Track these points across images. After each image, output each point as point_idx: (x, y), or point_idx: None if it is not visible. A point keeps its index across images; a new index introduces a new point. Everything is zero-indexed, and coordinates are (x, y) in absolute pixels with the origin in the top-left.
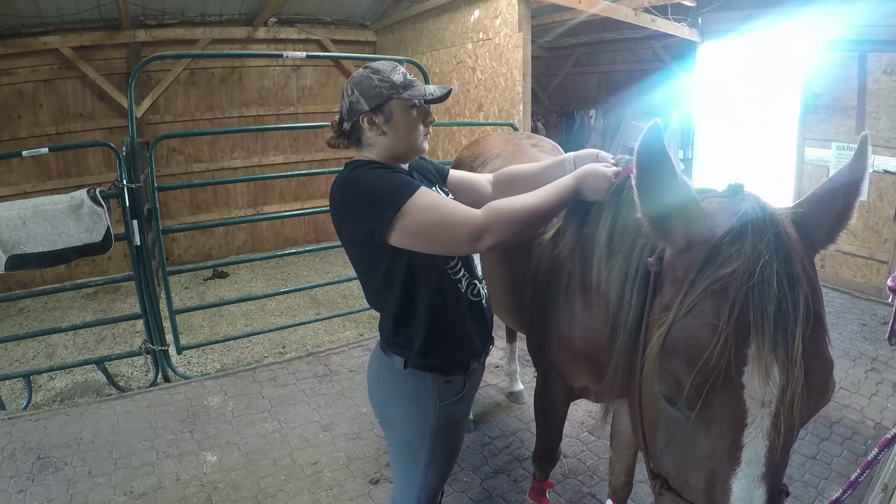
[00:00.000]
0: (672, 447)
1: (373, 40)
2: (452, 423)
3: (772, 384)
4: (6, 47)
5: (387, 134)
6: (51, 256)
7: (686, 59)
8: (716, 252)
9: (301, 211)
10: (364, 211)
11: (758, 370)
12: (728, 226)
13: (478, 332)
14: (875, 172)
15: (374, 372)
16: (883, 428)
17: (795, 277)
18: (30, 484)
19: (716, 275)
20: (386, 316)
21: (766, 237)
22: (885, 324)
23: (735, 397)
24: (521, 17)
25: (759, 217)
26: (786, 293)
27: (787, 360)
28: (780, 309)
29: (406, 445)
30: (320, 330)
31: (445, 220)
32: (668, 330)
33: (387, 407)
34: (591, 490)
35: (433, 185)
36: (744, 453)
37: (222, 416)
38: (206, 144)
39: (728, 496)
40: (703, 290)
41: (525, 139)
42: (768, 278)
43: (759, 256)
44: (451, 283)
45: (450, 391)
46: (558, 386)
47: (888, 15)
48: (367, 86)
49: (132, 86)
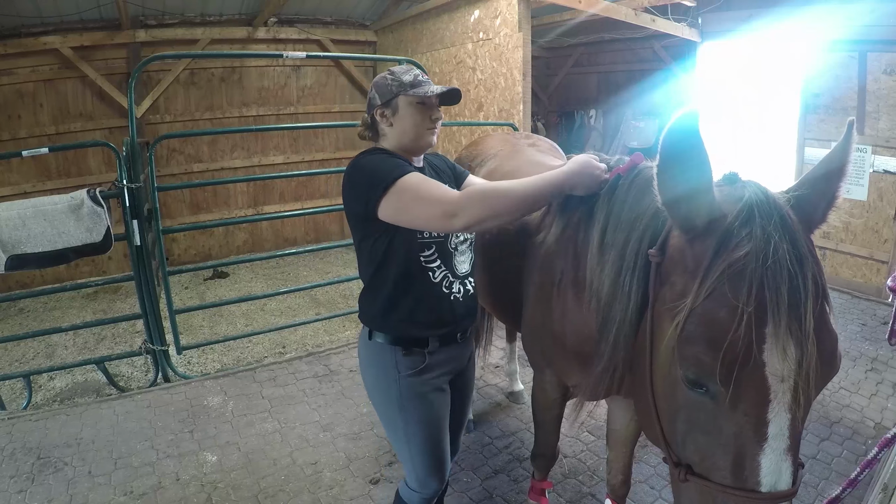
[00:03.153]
0: (695, 433)
1: (373, 40)
2: (418, 396)
3: (789, 359)
4: (6, 47)
5: (394, 126)
6: (51, 256)
7: (686, 59)
8: (728, 237)
9: (301, 211)
10: (362, 186)
11: (776, 347)
12: (735, 211)
13: (442, 320)
14: (875, 172)
15: (358, 346)
16: (883, 428)
17: (803, 256)
18: (30, 484)
19: (731, 258)
20: (364, 283)
21: (772, 219)
22: (885, 324)
23: (758, 375)
24: (521, 17)
25: (762, 201)
26: (797, 272)
27: (801, 335)
28: (792, 287)
29: (383, 414)
30: (320, 330)
31: (423, 198)
32: (688, 316)
33: (364, 376)
34: (591, 490)
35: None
36: (770, 428)
37: (222, 416)
38: (206, 144)
39: (758, 471)
40: (721, 275)
41: (523, 139)
42: (781, 259)
43: (770, 238)
44: (421, 269)
45: (408, 363)
46: (553, 383)
47: (888, 15)
48: (381, 84)
49: (132, 86)
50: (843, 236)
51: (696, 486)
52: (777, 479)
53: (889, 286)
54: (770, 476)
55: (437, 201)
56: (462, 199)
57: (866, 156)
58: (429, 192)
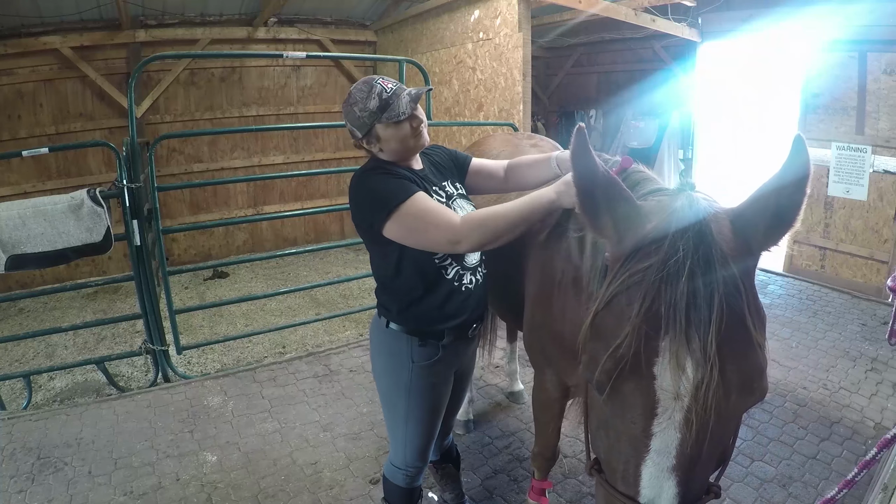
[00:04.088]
0: (600, 430)
1: (373, 40)
2: (428, 385)
3: (685, 379)
4: (6, 47)
5: (383, 149)
6: (51, 256)
7: (686, 59)
8: (639, 247)
9: (301, 211)
10: (365, 208)
11: (668, 363)
12: (655, 222)
13: (457, 311)
14: (875, 172)
15: (371, 329)
16: (883, 428)
17: (712, 275)
18: (30, 484)
19: (634, 268)
20: (378, 282)
21: (686, 234)
22: (885, 324)
23: (645, 386)
24: (521, 17)
25: (685, 214)
26: (699, 290)
27: (701, 356)
28: (695, 305)
29: (387, 396)
30: (320, 330)
31: (427, 225)
32: (592, 319)
33: (374, 360)
34: (591, 490)
35: (445, 180)
36: (653, 442)
37: (222, 416)
38: (206, 144)
39: (638, 481)
40: (622, 283)
41: (525, 139)
42: (678, 273)
43: (677, 251)
44: (436, 270)
45: (423, 354)
46: (553, 383)
47: (888, 15)
48: (353, 118)
49: (132, 86)
50: (843, 236)
51: (599, 481)
52: (657, 494)
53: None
54: (649, 489)
55: (440, 228)
56: (464, 226)
57: (866, 156)
58: (432, 219)
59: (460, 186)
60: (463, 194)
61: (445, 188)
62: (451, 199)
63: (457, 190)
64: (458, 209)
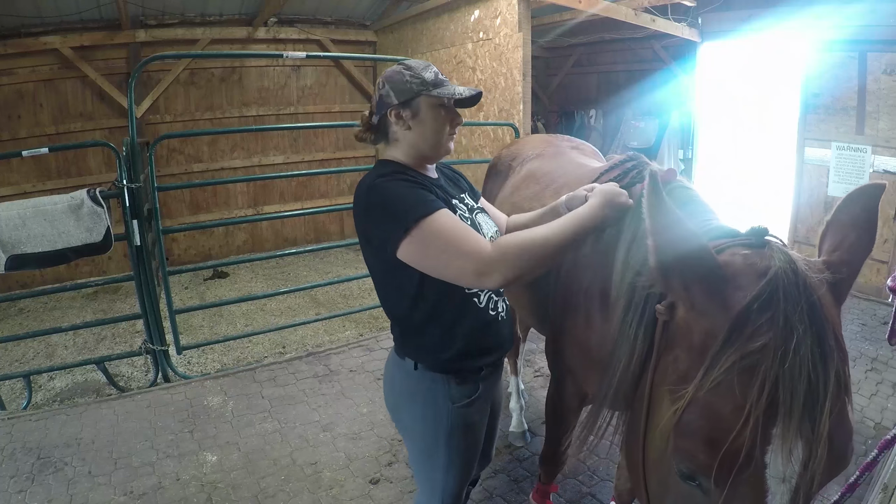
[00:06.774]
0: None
1: (373, 40)
2: (467, 427)
3: (794, 461)
4: (6, 47)
5: (412, 129)
6: (51, 256)
7: (686, 59)
8: (743, 322)
9: (301, 211)
10: (378, 220)
11: (782, 449)
12: (756, 290)
13: (493, 345)
14: (875, 172)
15: (389, 375)
16: (883, 428)
17: (828, 352)
18: (30, 484)
19: (744, 349)
20: (397, 321)
21: (799, 306)
22: (885, 324)
23: (756, 476)
24: (521, 17)
25: (790, 280)
26: (819, 371)
27: (812, 437)
28: (811, 388)
29: (423, 451)
30: (320, 330)
31: (453, 249)
32: (687, 405)
33: (401, 411)
34: (591, 490)
35: (462, 192)
36: None
37: (222, 416)
38: (206, 144)
39: None
40: (731, 367)
41: (565, 142)
42: (803, 357)
43: (793, 330)
44: (465, 297)
45: (462, 393)
46: (572, 390)
47: (888, 15)
48: (398, 80)
49: (132, 86)
50: None
51: None
52: None
53: (889, 286)
54: None
55: (469, 256)
56: (497, 256)
57: (866, 156)
58: (459, 244)
59: (478, 201)
60: (482, 209)
61: (465, 200)
62: (473, 212)
63: (476, 203)
64: (483, 225)
